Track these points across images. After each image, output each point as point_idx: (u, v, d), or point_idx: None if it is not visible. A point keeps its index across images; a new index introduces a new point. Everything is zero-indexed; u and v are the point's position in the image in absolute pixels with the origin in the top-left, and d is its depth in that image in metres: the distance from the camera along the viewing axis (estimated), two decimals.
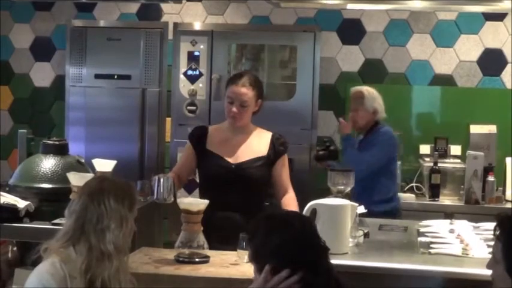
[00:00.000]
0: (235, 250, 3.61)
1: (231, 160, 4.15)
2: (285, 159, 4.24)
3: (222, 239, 3.74)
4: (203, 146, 4.19)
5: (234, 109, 4.12)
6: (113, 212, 2.90)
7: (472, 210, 5.43)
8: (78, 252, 2.86)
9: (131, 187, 3.05)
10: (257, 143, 4.20)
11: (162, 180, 3.84)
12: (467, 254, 3.76)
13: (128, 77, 6.52)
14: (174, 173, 4.12)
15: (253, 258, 2.63)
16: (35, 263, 2.94)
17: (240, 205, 4.01)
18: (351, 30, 6.56)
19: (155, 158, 6.47)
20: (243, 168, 4.13)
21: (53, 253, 2.87)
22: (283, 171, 4.22)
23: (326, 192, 4.42)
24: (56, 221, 4.05)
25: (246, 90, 4.12)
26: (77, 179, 4.04)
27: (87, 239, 2.87)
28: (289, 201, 4.14)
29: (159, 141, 6.48)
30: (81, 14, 6.89)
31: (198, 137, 4.22)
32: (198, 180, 4.20)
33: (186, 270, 3.45)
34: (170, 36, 6.51)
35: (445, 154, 6.04)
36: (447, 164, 5.87)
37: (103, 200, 2.91)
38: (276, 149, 4.20)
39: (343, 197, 4.06)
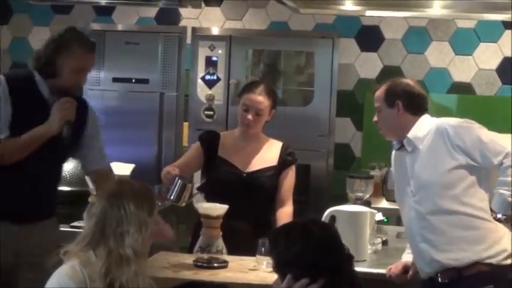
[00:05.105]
0: None
1: (242, 168, 4.14)
2: (290, 171, 4.17)
3: (229, 247, 3.72)
4: (214, 152, 4.18)
5: (250, 117, 4.10)
6: (133, 216, 2.88)
7: None
8: (98, 255, 2.85)
9: (151, 191, 3.04)
10: (268, 153, 4.19)
11: (179, 182, 3.82)
12: None
13: (145, 81, 6.52)
14: (175, 167, 4.08)
15: (276, 268, 2.63)
16: (55, 266, 2.95)
17: (248, 214, 3.99)
18: (370, 37, 6.55)
19: (172, 162, 6.37)
20: (254, 177, 4.12)
21: (73, 256, 2.87)
22: (284, 183, 4.15)
23: (343, 199, 4.42)
24: (75, 223, 4.07)
25: (262, 99, 4.11)
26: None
27: (107, 243, 2.86)
28: (283, 216, 4.04)
29: (176, 146, 6.47)
30: (100, 17, 6.91)
31: (210, 142, 4.21)
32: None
33: (205, 275, 3.45)
34: (188, 40, 6.51)
35: None
36: None
37: (123, 204, 2.89)
38: (284, 158, 4.17)
39: (362, 204, 4.05)
